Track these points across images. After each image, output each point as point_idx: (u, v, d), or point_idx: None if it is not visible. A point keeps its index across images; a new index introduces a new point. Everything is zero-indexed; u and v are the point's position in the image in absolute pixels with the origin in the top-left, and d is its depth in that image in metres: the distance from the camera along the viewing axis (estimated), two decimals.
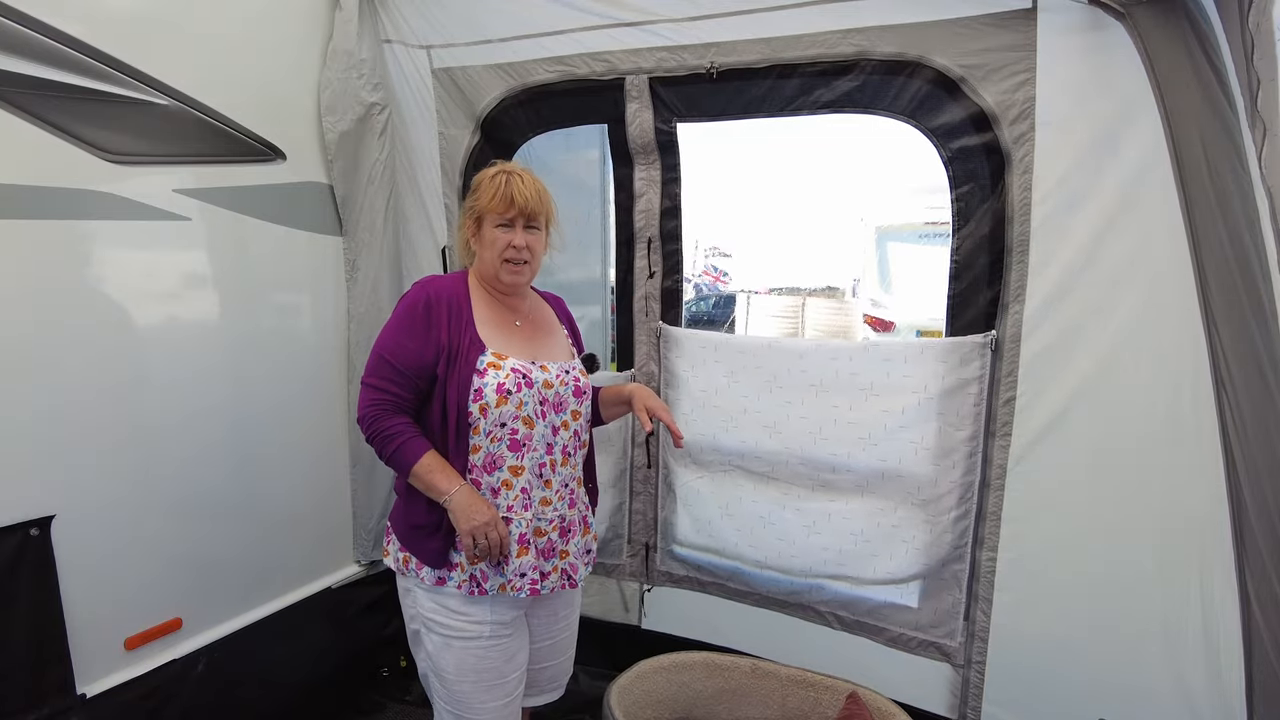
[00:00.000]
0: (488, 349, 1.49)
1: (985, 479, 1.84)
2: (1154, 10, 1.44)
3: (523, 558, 1.50)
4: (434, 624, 1.52)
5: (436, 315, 1.49)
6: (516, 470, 1.50)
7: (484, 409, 1.46)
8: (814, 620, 2.12)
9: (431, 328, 1.48)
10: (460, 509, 1.43)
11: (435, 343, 1.48)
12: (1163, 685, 1.66)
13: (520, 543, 1.50)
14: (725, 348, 2.16)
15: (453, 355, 1.48)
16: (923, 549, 1.94)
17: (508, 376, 1.47)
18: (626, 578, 2.41)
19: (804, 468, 2.05)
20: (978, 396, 1.82)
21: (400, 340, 1.49)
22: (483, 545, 1.43)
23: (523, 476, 1.50)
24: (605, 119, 2.15)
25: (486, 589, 1.49)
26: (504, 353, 1.51)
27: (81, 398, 1.62)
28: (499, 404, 1.46)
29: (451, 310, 1.51)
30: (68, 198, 1.57)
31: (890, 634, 2.02)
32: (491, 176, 1.55)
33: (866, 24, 1.76)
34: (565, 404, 1.56)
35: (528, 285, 1.64)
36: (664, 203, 2.16)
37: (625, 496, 2.36)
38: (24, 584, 1.51)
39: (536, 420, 1.51)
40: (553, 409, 1.54)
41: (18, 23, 1.46)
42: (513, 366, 1.49)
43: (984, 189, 1.77)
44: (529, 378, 1.50)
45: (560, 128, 2.29)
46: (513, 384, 1.47)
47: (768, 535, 2.13)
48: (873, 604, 2.04)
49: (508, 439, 1.49)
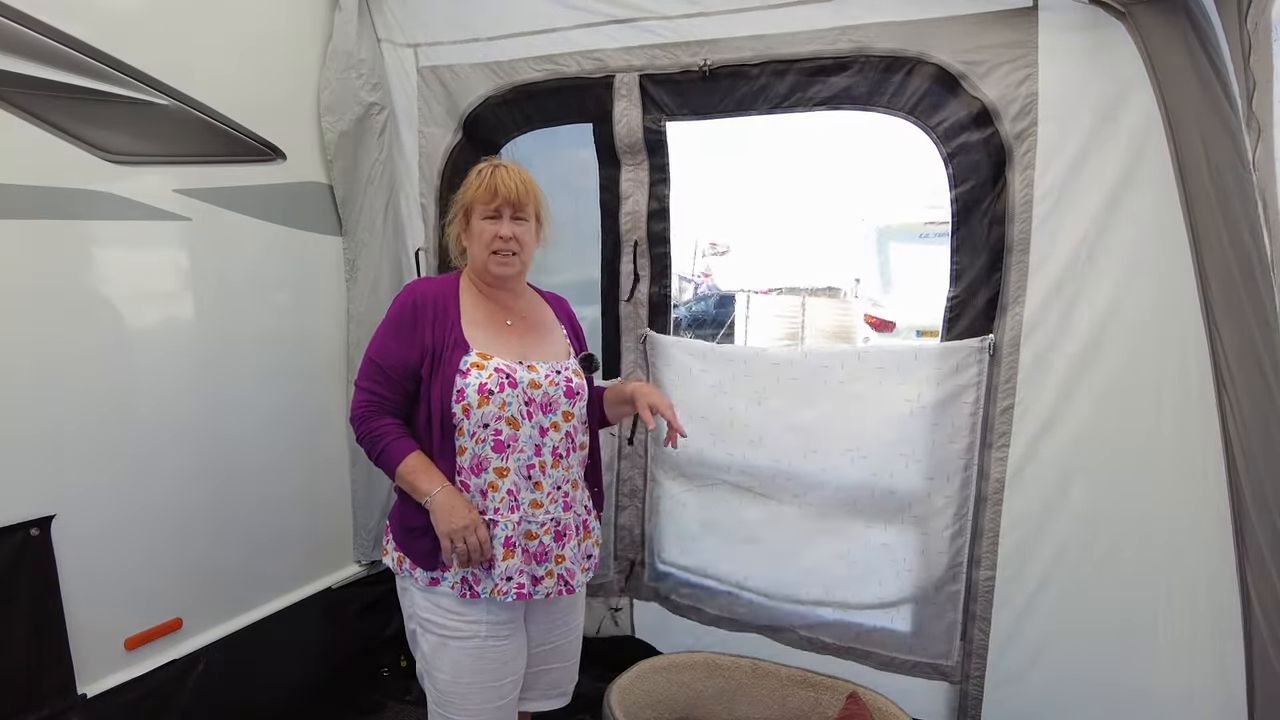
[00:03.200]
0: (472, 349, 1.48)
1: (981, 494, 1.79)
2: (1154, 10, 1.44)
3: (508, 561, 1.48)
4: (429, 624, 1.51)
5: (422, 316, 1.49)
6: (502, 472, 1.48)
7: (466, 409, 1.45)
8: (800, 646, 2.06)
9: (417, 329, 1.48)
10: (440, 511, 1.42)
11: (419, 344, 1.48)
12: (1165, 694, 1.64)
13: (506, 546, 1.47)
14: (713, 356, 2.09)
15: (437, 355, 1.47)
16: (916, 570, 1.87)
17: (490, 376, 1.46)
18: (615, 595, 2.35)
19: (790, 483, 1.99)
20: (974, 405, 1.77)
21: (386, 342, 1.50)
22: (461, 549, 1.41)
23: (508, 478, 1.48)
24: (590, 118, 2.11)
25: (479, 591, 1.48)
26: (490, 352, 1.49)
27: (82, 398, 1.62)
28: (480, 404, 1.45)
29: (438, 310, 1.51)
30: (68, 198, 1.57)
31: (881, 658, 1.96)
32: (478, 170, 1.56)
33: (864, 21, 1.75)
34: (555, 405, 1.53)
35: (520, 279, 1.62)
36: (651, 205, 2.10)
37: (611, 511, 2.29)
38: (24, 584, 1.51)
39: (522, 421, 1.49)
40: (540, 409, 1.51)
41: (18, 23, 1.46)
42: (496, 366, 1.48)
43: (984, 186, 1.75)
44: (513, 378, 1.48)
45: (544, 127, 2.23)
46: (495, 384, 1.46)
47: (752, 556, 2.07)
48: (861, 629, 1.97)
49: (491, 440, 1.47)
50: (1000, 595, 1.80)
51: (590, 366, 1.66)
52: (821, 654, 2.04)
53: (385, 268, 2.31)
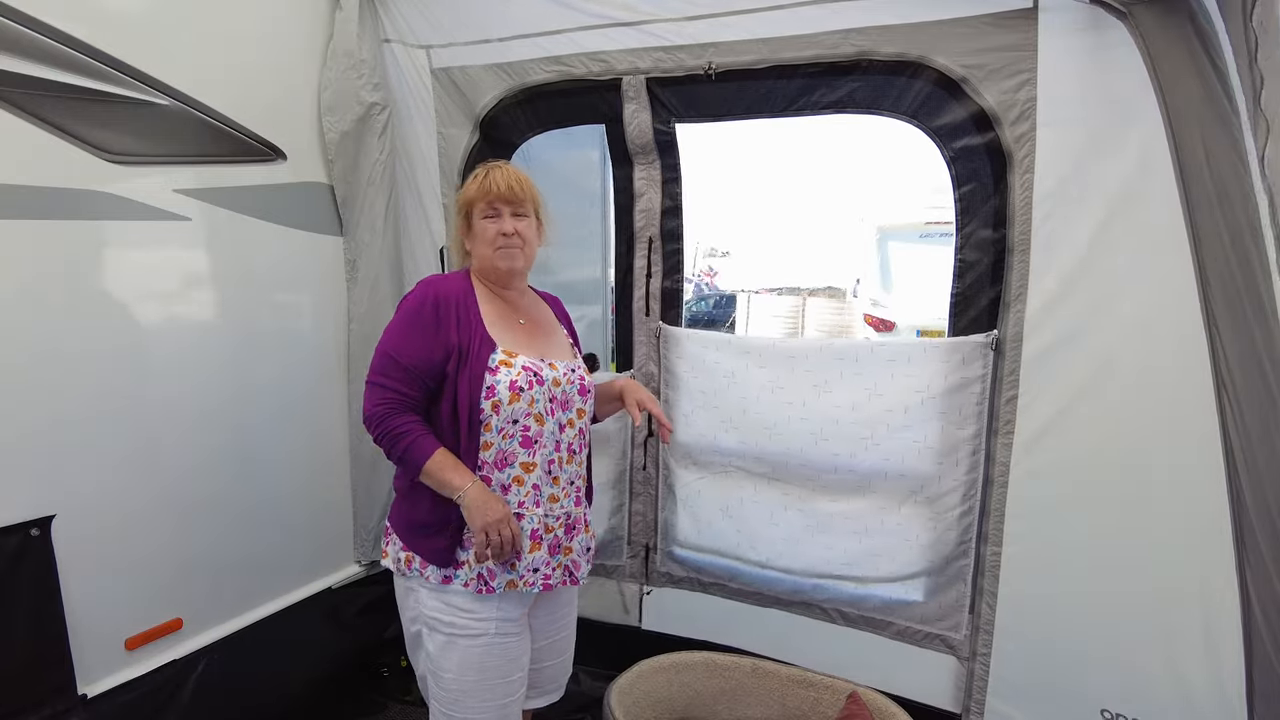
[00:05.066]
0: (499, 347, 1.50)
1: (989, 476, 1.85)
2: (1155, 9, 1.44)
3: (535, 553, 1.51)
4: (438, 623, 1.51)
5: (445, 314, 1.50)
6: (528, 467, 1.51)
7: (496, 405, 1.47)
8: (818, 617, 2.12)
9: (441, 327, 1.49)
10: (475, 505, 1.43)
11: (445, 342, 1.48)
12: (1164, 678, 1.66)
13: (533, 538, 1.51)
14: (726, 348, 2.16)
15: (464, 353, 1.48)
16: (927, 546, 1.94)
17: (520, 374, 1.49)
18: (626, 579, 2.40)
19: (805, 469, 2.05)
20: (980, 395, 1.82)
21: (408, 339, 1.49)
22: (495, 542, 1.43)
23: (534, 473, 1.52)
24: (603, 119, 2.15)
25: (494, 586, 1.49)
26: (514, 350, 1.52)
27: (82, 398, 1.62)
28: (512, 400, 1.47)
29: (460, 309, 1.52)
30: (68, 198, 1.57)
31: (896, 628, 2.02)
32: (474, 174, 1.59)
33: (866, 24, 1.76)
34: (571, 402, 1.57)
35: (524, 276, 1.65)
36: (664, 202, 2.16)
37: (625, 498, 2.36)
38: (24, 584, 1.51)
39: (547, 417, 1.52)
40: (560, 407, 1.55)
41: (18, 23, 1.46)
42: (524, 364, 1.50)
43: (986, 189, 1.77)
44: (540, 375, 1.51)
45: (558, 128, 2.29)
46: (525, 381, 1.49)
47: (770, 535, 2.13)
48: (877, 600, 2.04)
49: (520, 435, 1.50)
50: (1005, 573, 1.85)
51: (591, 367, 1.69)
52: (839, 625, 2.09)
53: (386, 268, 2.31)
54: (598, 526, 2.34)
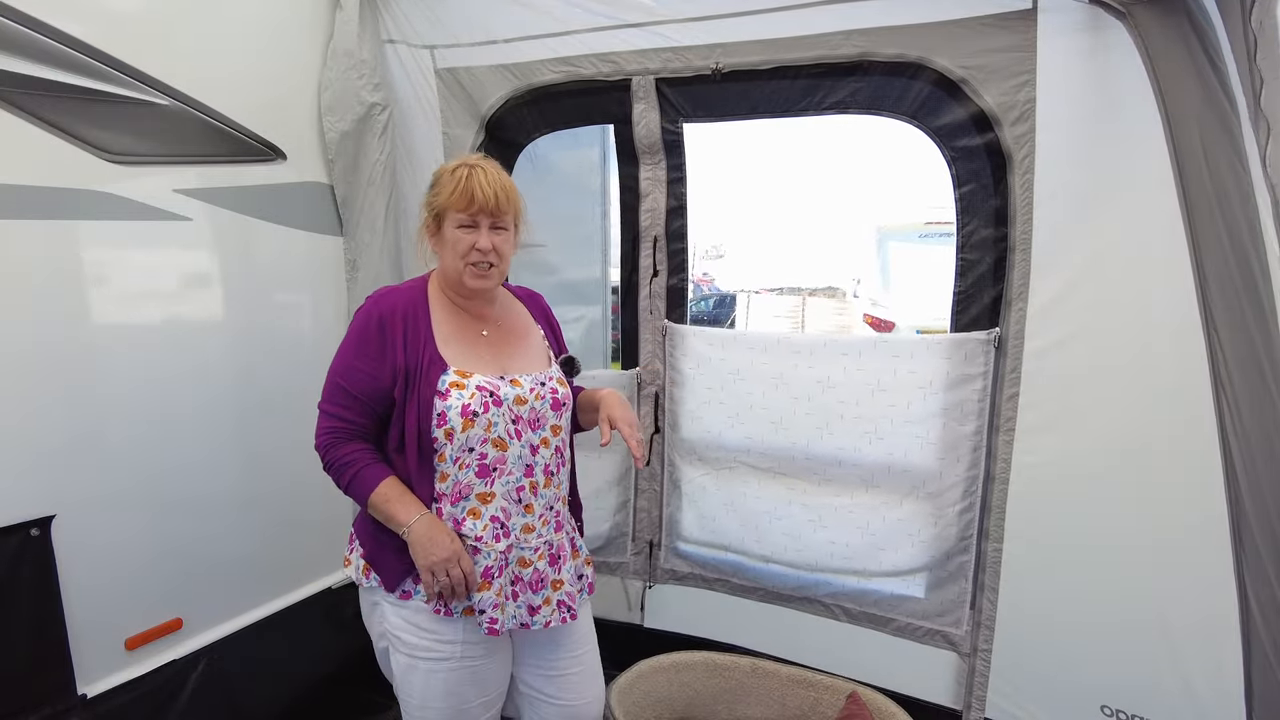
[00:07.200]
0: (449, 367, 1.37)
1: (990, 472, 1.86)
2: (1155, 10, 1.44)
3: (483, 593, 1.36)
4: (399, 641, 1.40)
5: (391, 334, 1.37)
6: (485, 497, 1.38)
7: (450, 434, 1.35)
8: (820, 614, 2.13)
9: (386, 348, 1.36)
10: (419, 542, 1.31)
11: (390, 364, 1.36)
12: (1164, 674, 1.67)
13: (484, 576, 1.37)
14: (732, 344, 2.18)
15: (410, 376, 1.36)
16: (929, 541, 1.96)
17: (473, 396, 1.35)
18: (630, 576, 2.41)
19: (810, 463, 2.07)
20: (982, 392, 1.84)
21: (352, 363, 1.38)
22: (444, 583, 1.31)
23: (493, 504, 1.39)
24: (611, 119, 2.17)
25: (452, 609, 1.37)
26: (468, 369, 1.38)
27: (82, 398, 1.62)
28: (465, 427, 1.34)
29: (407, 326, 1.38)
30: (68, 198, 1.57)
31: (897, 624, 2.03)
32: (452, 170, 1.40)
33: (867, 25, 1.77)
34: (543, 420, 1.44)
35: (495, 289, 1.50)
36: (670, 202, 2.18)
37: (630, 494, 2.36)
38: (24, 584, 1.51)
39: (510, 441, 1.39)
40: (529, 426, 1.42)
41: (18, 23, 1.46)
42: (478, 384, 1.37)
43: (987, 189, 1.78)
44: (497, 395, 1.37)
45: (566, 128, 2.30)
46: (479, 404, 1.35)
47: (774, 530, 2.14)
48: (879, 595, 2.06)
49: (475, 464, 1.37)
50: (1006, 569, 1.86)
51: (572, 370, 1.57)
52: (841, 621, 2.10)
53: (386, 268, 2.31)
54: (601, 524, 2.35)
